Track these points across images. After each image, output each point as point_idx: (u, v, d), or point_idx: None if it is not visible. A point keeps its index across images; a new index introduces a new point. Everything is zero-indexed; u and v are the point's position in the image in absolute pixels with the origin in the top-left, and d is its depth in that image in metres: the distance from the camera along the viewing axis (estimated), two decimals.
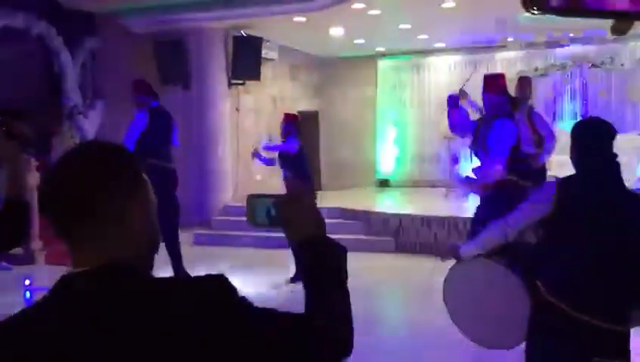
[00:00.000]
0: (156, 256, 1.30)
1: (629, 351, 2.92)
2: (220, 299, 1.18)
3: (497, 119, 5.35)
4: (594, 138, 2.96)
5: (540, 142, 7.38)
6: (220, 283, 1.21)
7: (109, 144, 1.27)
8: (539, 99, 14.18)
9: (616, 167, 2.93)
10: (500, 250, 3.21)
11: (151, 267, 1.27)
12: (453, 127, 5.97)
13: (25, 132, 2.60)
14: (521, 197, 3.59)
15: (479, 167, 5.35)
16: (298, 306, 1.36)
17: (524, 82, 7.86)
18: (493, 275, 3.28)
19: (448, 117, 5.94)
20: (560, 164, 9.50)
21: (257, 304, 1.24)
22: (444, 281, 3.51)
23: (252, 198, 1.50)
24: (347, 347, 1.31)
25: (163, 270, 5.01)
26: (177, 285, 1.20)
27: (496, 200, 4.99)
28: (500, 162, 5.19)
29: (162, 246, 5.07)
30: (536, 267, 3.04)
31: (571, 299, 2.86)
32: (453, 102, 5.92)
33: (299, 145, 7.58)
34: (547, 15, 2.86)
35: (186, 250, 7.67)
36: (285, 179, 7.66)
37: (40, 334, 1.12)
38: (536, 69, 14.16)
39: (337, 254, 1.38)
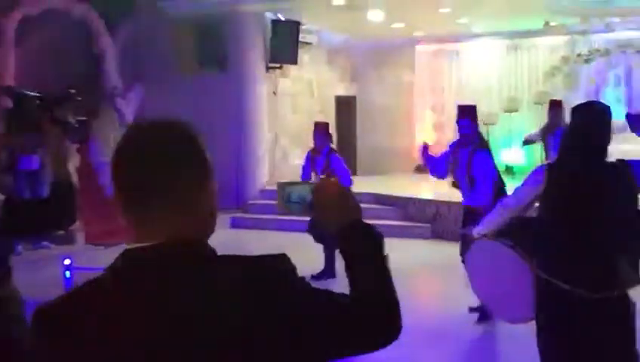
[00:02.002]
0: None
1: (630, 313, 3.05)
2: (282, 276, 1.21)
3: (479, 152, 5.64)
4: (586, 121, 3.13)
5: None
6: (282, 262, 1.23)
7: (184, 124, 1.27)
8: (582, 86, 13.91)
9: (600, 148, 3.08)
10: (510, 229, 3.46)
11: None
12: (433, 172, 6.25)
13: (68, 118, 2.65)
14: None
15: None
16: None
17: (556, 106, 7.89)
18: (497, 254, 3.56)
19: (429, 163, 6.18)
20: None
21: None
22: (464, 264, 3.97)
23: (283, 185, 1.49)
24: (396, 329, 1.31)
25: None
26: (244, 261, 1.22)
27: None
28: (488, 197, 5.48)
29: None
30: (533, 244, 3.28)
31: (561, 272, 3.04)
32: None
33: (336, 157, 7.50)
34: None
35: (222, 233, 7.70)
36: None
37: (116, 303, 1.14)
38: (579, 55, 13.87)
39: (375, 239, 1.38)
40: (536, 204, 3.29)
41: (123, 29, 11.68)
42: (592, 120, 3.13)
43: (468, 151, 5.66)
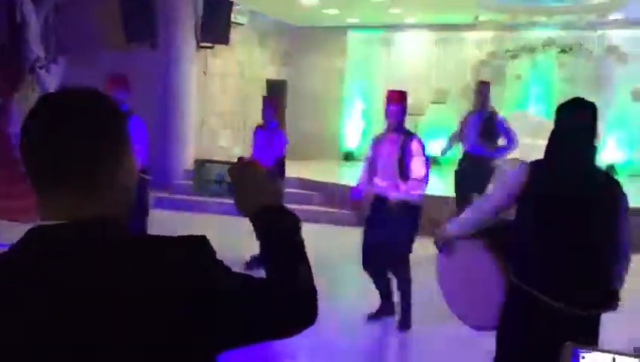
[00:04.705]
0: None
1: (598, 334, 2.93)
2: (198, 257, 1.17)
3: (413, 139, 5.40)
4: (574, 119, 2.92)
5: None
6: (199, 244, 1.19)
7: (102, 95, 1.20)
8: (507, 81, 14.29)
9: (591, 149, 2.92)
10: (484, 231, 3.22)
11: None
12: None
13: None
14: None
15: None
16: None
17: (484, 87, 7.88)
18: (471, 257, 3.29)
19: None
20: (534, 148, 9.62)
21: None
22: (436, 261, 3.56)
23: (201, 164, 1.44)
24: (311, 315, 1.29)
25: None
26: (160, 241, 1.17)
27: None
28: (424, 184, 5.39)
29: None
30: (507, 248, 3.05)
31: (538, 282, 2.87)
32: None
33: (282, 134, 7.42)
34: None
35: None
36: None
37: (18, 285, 1.08)
38: (506, 51, 14.23)
39: (292, 223, 1.35)
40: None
41: None
42: (582, 118, 2.91)
43: (398, 137, 5.40)
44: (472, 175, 7.54)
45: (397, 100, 5.45)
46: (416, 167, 5.31)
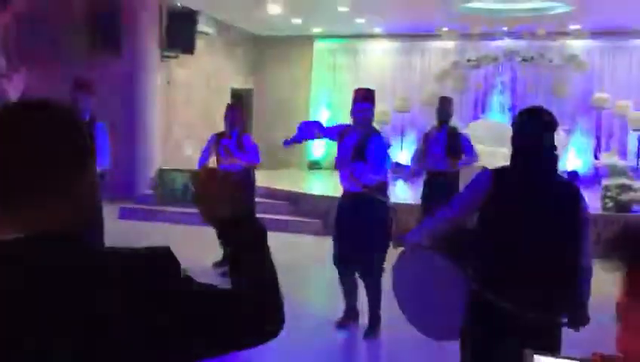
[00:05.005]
0: None
1: (560, 343, 2.94)
2: (160, 267, 1.15)
3: (375, 137, 5.37)
4: (534, 127, 2.93)
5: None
6: (162, 254, 1.17)
7: (62, 106, 1.18)
8: (469, 90, 14.49)
9: (552, 157, 2.95)
10: (445, 239, 3.21)
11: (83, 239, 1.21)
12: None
13: None
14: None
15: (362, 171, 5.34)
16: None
17: (445, 102, 7.96)
18: (432, 265, 3.24)
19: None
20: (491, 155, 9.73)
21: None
22: (392, 270, 3.48)
23: (165, 172, 1.43)
24: (276, 325, 1.28)
25: None
26: (119, 254, 1.15)
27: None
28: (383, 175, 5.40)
29: None
30: (468, 256, 3.05)
31: (497, 289, 2.88)
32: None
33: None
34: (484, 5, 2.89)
35: (111, 223, 7.48)
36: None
37: None
38: (468, 60, 14.43)
39: (258, 232, 1.35)
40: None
41: (11, 4, 11.08)
42: (543, 125, 2.93)
43: (362, 133, 5.34)
44: (440, 186, 7.59)
45: (366, 98, 5.42)
46: (377, 163, 5.30)
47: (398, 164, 5.46)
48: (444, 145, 7.67)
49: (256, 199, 8.38)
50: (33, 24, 11.40)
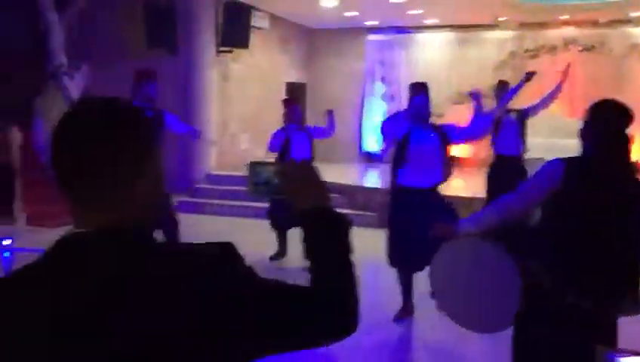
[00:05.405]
0: None
1: (617, 337, 2.85)
2: (226, 265, 1.16)
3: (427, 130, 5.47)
4: (609, 120, 2.85)
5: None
6: (227, 250, 1.18)
7: (127, 105, 1.21)
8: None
9: (625, 151, 2.85)
10: (500, 231, 3.08)
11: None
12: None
13: None
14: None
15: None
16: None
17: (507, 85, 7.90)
18: (483, 255, 3.10)
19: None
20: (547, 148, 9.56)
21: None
22: (433, 259, 3.32)
23: (254, 165, 1.43)
24: (354, 321, 1.26)
25: None
26: (184, 250, 1.17)
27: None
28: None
29: None
30: (531, 249, 2.95)
31: (567, 283, 2.81)
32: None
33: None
34: None
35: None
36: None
37: (46, 294, 1.09)
38: (526, 50, 14.14)
39: (342, 226, 1.33)
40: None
41: (71, 5, 11.38)
42: (622, 118, 2.83)
43: (428, 129, 5.42)
44: (506, 176, 7.46)
45: (421, 91, 5.49)
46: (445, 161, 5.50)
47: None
48: (517, 128, 7.67)
49: None
50: (94, 23, 11.69)
